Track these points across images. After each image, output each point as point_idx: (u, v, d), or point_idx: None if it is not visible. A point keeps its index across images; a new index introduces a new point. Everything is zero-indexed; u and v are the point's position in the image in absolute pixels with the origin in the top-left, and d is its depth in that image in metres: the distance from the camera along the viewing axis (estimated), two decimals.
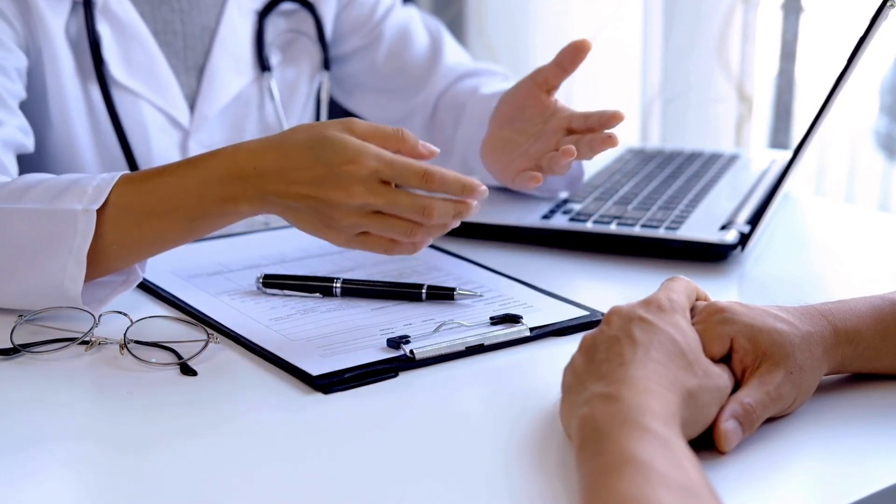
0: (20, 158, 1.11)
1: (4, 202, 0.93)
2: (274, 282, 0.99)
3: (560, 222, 1.14)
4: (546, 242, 1.14)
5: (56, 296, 0.91)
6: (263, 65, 1.31)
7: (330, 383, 0.81)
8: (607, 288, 1.08)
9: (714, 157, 1.41)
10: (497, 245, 1.15)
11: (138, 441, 0.75)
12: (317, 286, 0.98)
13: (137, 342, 0.87)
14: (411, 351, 0.85)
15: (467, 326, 0.90)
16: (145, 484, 0.69)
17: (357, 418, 0.78)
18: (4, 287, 0.93)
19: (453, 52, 1.40)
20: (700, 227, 1.11)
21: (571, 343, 0.79)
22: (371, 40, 1.39)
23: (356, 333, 0.90)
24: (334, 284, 0.98)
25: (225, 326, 0.91)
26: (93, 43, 1.19)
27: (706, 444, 0.70)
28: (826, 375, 0.78)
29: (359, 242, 0.92)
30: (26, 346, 0.87)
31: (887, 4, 0.94)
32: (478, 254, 1.11)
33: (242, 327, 0.91)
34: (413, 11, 1.43)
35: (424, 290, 0.97)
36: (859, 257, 1.15)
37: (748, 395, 0.72)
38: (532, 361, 0.88)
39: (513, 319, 0.91)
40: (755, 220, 1.11)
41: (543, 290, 1.00)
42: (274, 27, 1.33)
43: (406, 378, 0.84)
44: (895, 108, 2.17)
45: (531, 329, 0.90)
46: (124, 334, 0.87)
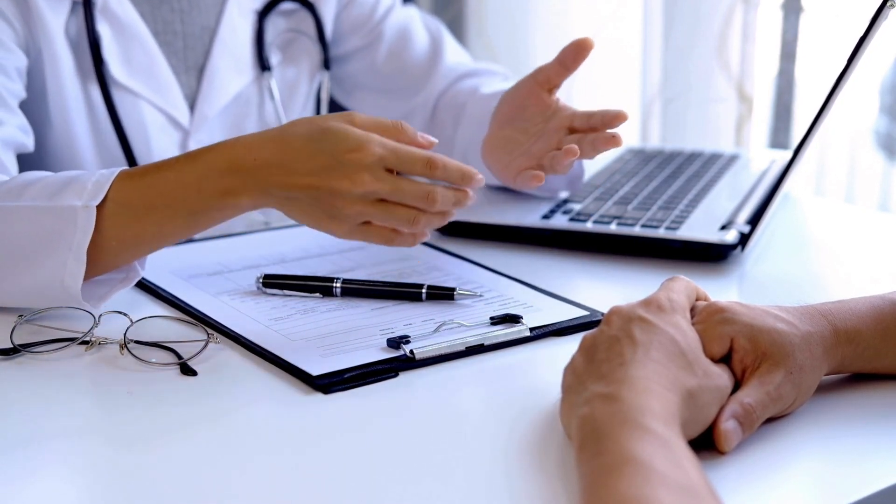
0: (20, 158, 1.11)
1: (3, 200, 0.93)
2: (274, 282, 0.99)
3: (560, 222, 1.14)
4: (546, 242, 1.14)
5: (56, 293, 0.91)
6: (263, 64, 1.31)
7: (330, 383, 0.81)
8: (607, 288, 1.08)
9: (714, 157, 1.41)
10: (497, 245, 1.15)
11: (138, 441, 0.75)
12: (317, 286, 0.98)
13: (137, 342, 0.87)
14: (411, 351, 0.85)
15: (467, 326, 0.90)
16: (145, 483, 0.69)
17: (357, 418, 0.78)
18: (4, 285, 0.93)
19: (453, 52, 1.40)
20: (700, 227, 1.11)
21: (571, 343, 0.79)
22: (371, 40, 1.39)
23: (356, 333, 0.90)
24: (334, 284, 0.98)
25: (225, 326, 0.91)
26: (93, 43, 1.19)
27: (706, 444, 0.70)
28: (826, 375, 0.78)
29: (361, 233, 0.93)
30: (26, 346, 0.87)
31: (887, 4, 0.94)
32: (478, 254, 1.11)
33: (242, 327, 0.91)
34: (413, 11, 1.43)
35: (424, 290, 0.97)
36: (859, 257, 1.15)
37: (748, 395, 0.72)
38: (532, 361, 0.88)
39: (513, 319, 0.91)
40: (755, 220, 1.11)
41: (543, 290, 1.00)
42: (274, 27, 1.33)
43: (406, 378, 0.84)
44: (895, 108, 2.17)
45: (531, 329, 0.90)
46: (124, 334, 0.87)
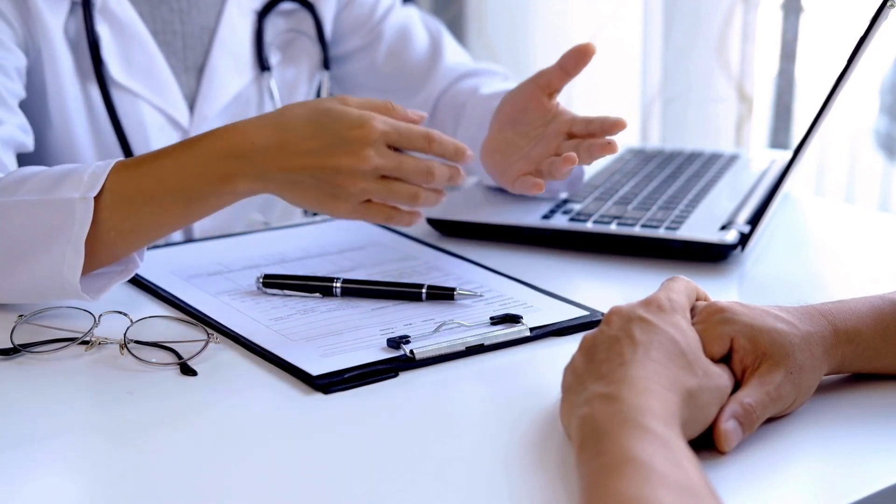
0: (20, 157, 1.11)
1: (1, 196, 0.93)
2: (274, 282, 0.99)
3: (560, 222, 1.14)
4: (546, 242, 1.14)
5: (55, 286, 0.91)
6: (263, 64, 1.31)
7: (330, 383, 0.81)
8: (607, 288, 1.08)
9: (714, 157, 1.41)
10: (497, 245, 1.15)
11: (138, 441, 0.75)
12: (317, 286, 0.98)
13: (137, 342, 0.87)
14: (411, 351, 0.85)
15: (467, 326, 0.90)
16: (145, 483, 0.69)
17: (357, 418, 0.78)
18: (3, 281, 0.93)
19: (453, 52, 1.40)
20: (700, 227, 1.11)
21: (571, 343, 0.79)
22: (371, 40, 1.39)
23: (356, 333, 0.90)
24: (334, 284, 0.98)
25: (225, 326, 0.91)
26: (92, 43, 1.19)
27: (706, 444, 0.70)
28: (826, 375, 0.78)
29: (362, 212, 0.95)
30: (26, 346, 0.87)
31: (887, 4, 0.94)
32: (478, 254, 1.11)
33: (242, 327, 0.91)
34: (413, 11, 1.43)
35: (424, 290, 0.97)
36: (859, 257, 1.15)
37: (748, 395, 0.72)
38: (532, 361, 0.87)
39: (513, 319, 0.91)
40: (755, 220, 1.11)
41: (543, 290, 1.00)
42: (273, 27, 1.33)
43: (406, 378, 0.84)
44: (895, 108, 2.17)
45: (531, 329, 0.90)
46: (124, 334, 0.87)
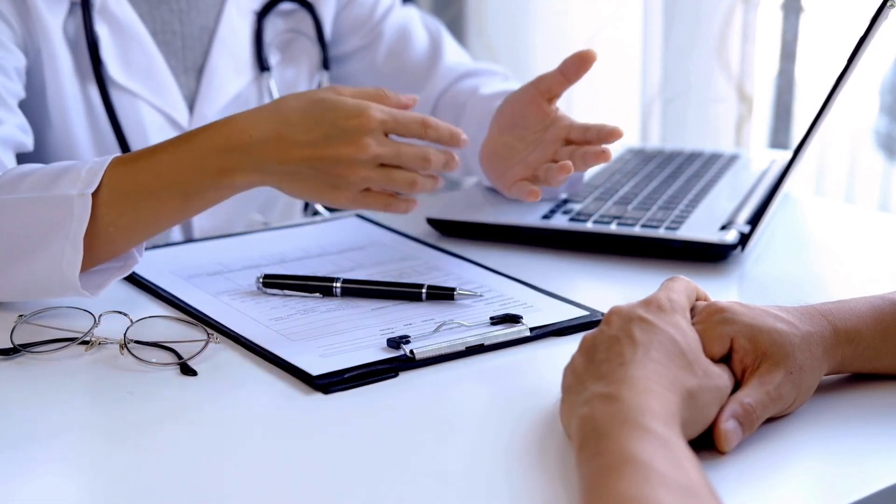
0: (20, 157, 1.11)
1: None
2: (274, 282, 0.99)
3: (560, 222, 1.14)
4: (546, 242, 1.14)
5: (54, 282, 0.92)
6: (262, 65, 1.31)
7: (330, 383, 0.81)
8: (607, 288, 1.08)
9: (714, 157, 1.41)
10: (497, 245, 1.15)
11: (138, 441, 0.75)
12: (317, 286, 0.98)
13: (137, 342, 0.87)
14: (411, 351, 0.85)
15: (467, 326, 0.90)
16: (145, 483, 0.69)
17: (357, 418, 0.78)
18: (3, 278, 0.93)
19: (453, 52, 1.40)
20: (700, 227, 1.11)
21: (571, 343, 0.79)
22: (371, 40, 1.39)
23: (356, 333, 0.90)
24: (334, 284, 0.98)
25: (225, 326, 0.91)
26: (91, 43, 1.19)
27: (706, 444, 0.70)
28: (826, 375, 0.78)
29: (362, 200, 0.96)
30: (26, 346, 0.87)
31: (887, 4, 0.94)
32: (478, 254, 1.11)
33: (242, 327, 0.91)
34: (413, 11, 1.43)
35: (424, 290, 0.97)
36: (859, 257, 1.15)
37: (748, 395, 0.72)
38: (532, 361, 0.87)
39: (513, 319, 0.91)
40: (755, 220, 1.10)
41: (543, 290, 1.00)
42: (273, 27, 1.33)
43: (406, 378, 0.83)
44: (895, 108, 2.17)
45: (531, 329, 0.90)
46: (124, 334, 0.87)
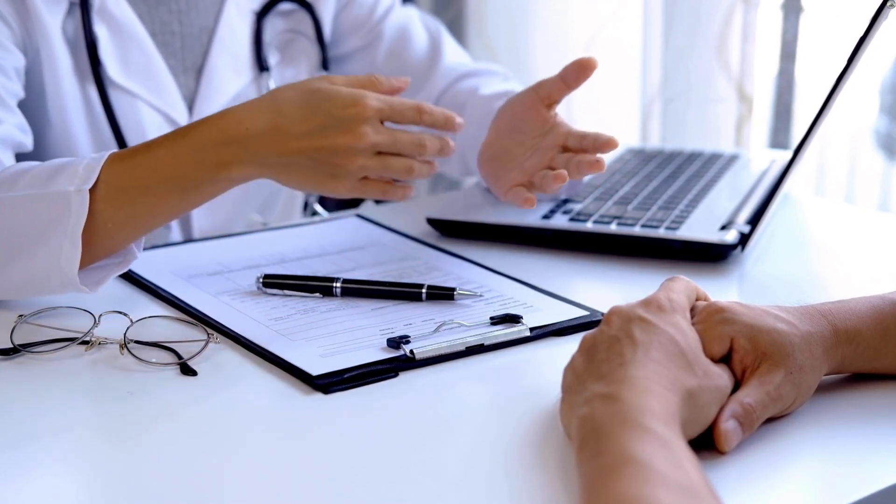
0: (19, 157, 1.11)
1: None
2: (274, 282, 0.99)
3: (560, 222, 1.14)
4: (546, 242, 1.14)
5: (53, 279, 0.92)
6: (262, 65, 1.31)
7: (330, 383, 0.81)
8: (607, 288, 1.08)
9: (714, 157, 1.41)
10: (497, 245, 1.15)
11: (138, 441, 0.75)
12: (317, 286, 0.98)
13: (137, 342, 0.87)
14: (411, 351, 0.85)
15: (467, 326, 0.90)
16: (145, 483, 0.69)
17: (357, 418, 0.78)
18: (1, 277, 0.93)
19: (453, 52, 1.40)
20: (700, 227, 1.11)
21: (571, 343, 0.79)
22: (370, 40, 1.39)
23: (356, 333, 0.90)
24: (334, 284, 0.98)
25: (225, 326, 0.91)
26: (90, 44, 1.19)
27: (706, 444, 0.70)
28: (826, 375, 0.78)
29: (360, 189, 0.97)
30: (26, 346, 0.87)
31: (887, 4, 0.94)
32: (478, 254, 1.11)
33: (242, 327, 0.91)
34: (412, 11, 1.43)
35: (424, 290, 0.97)
36: (859, 257, 1.15)
37: (748, 395, 0.72)
38: (532, 361, 0.87)
39: (513, 319, 0.91)
40: (755, 220, 1.11)
41: (543, 290, 1.00)
42: (272, 27, 1.33)
43: (406, 378, 0.83)
44: (895, 108, 2.17)
45: (531, 329, 0.90)
46: (124, 334, 0.87)
